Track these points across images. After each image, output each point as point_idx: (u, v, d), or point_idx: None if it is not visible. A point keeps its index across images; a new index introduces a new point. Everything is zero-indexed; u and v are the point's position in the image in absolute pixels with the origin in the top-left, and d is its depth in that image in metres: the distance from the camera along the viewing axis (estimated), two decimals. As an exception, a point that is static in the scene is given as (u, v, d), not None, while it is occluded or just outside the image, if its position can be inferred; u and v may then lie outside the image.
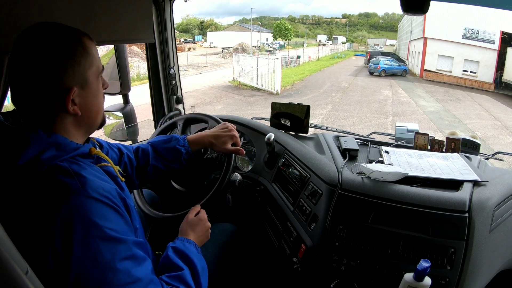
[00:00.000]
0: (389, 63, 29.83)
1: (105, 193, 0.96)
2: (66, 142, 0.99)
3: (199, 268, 1.20)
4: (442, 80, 27.20)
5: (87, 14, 1.60)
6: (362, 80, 26.23)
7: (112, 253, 0.90)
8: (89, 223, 0.88)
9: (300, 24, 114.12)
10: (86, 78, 1.03)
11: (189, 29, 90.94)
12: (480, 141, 1.94)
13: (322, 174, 1.62)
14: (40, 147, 0.94)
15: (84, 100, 1.03)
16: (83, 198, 0.90)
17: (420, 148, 1.90)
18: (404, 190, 1.43)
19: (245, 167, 2.19)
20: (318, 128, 2.38)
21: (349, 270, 1.42)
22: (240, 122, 2.25)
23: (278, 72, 19.21)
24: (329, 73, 30.21)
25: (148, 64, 2.46)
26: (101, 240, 0.89)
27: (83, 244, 0.87)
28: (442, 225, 1.34)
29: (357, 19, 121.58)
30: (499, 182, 1.51)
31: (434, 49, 29.87)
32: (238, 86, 21.53)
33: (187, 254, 1.21)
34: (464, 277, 1.30)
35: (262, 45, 60.11)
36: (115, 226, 0.94)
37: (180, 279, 1.12)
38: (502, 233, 1.41)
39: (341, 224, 1.45)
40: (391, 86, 23.25)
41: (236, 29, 68.64)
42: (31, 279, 0.72)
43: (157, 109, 2.54)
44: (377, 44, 72.38)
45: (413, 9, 1.22)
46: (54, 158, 0.94)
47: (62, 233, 0.86)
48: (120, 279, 0.90)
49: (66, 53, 0.98)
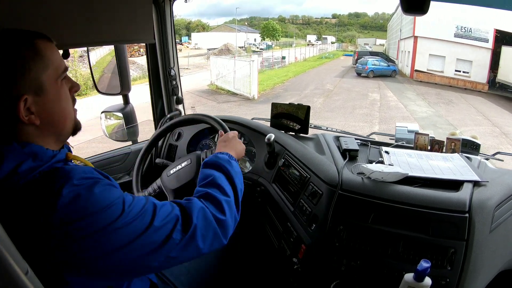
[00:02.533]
0: (378, 64, 28.14)
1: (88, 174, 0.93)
2: (43, 151, 0.94)
3: (232, 172, 1.28)
4: (434, 80, 25.83)
5: (88, 15, 1.60)
6: (348, 82, 24.63)
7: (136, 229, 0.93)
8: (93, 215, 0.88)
9: (290, 24, 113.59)
10: (40, 83, 0.94)
11: (176, 30, 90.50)
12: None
13: (322, 175, 1.62)
14: (16, 160, 0.88)
15: (42, 107, 0.95)
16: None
17: (420, 148, 1.90)
18: (404, 190, 1.43)
19: (245, 168, 2.19)
20: (318, 129, 2.38)
21: (349, 270, 1.42)
22: (240, 122, 2.25)
23: (254, 76, 17.81)
24: (315, 74, 28.59)
25: (148, 64, 2.45)
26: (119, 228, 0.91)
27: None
28: (442, 225, 1.34)
29: (347, 19, 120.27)
30: (499, 182, 1.51)
31: (424, 48, 28.41)
32: (215, 90, 20.26)
33: (218, 163, 1.29)
34: (465, 278, 1.30)
35: (248, 46, 58.50)
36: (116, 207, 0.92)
37: (211, 183, 1.21)
38: (502, 234, 1.41)
39: (341, 224, 1.45)
40: (379, 88, 21.76)
41: (223, 30, 67.16)
42: (31, 279, 0.72)
43: (157, 110, 2.54)
44: (366, 44, 71.57)
45: (414, 9, 1.23)
46: (32, 170, 0.89)
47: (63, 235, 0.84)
48: (157, 238, 0.96)
49: (12, 60, 0.90)
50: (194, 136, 2.32)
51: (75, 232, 0.85)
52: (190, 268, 1.53)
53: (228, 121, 2.19)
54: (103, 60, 2.44)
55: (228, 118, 2.24)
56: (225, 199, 1.16)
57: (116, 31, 1.82)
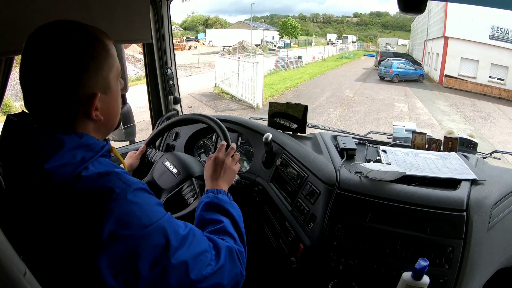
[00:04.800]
0: (404, 67, 24.76)
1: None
2: (95, 142, 0.96)
3: (236, 217, 1.23)
4: (466, 88, 22.46)
5: (84, 14, 1.59)
6: (370, 87, 21.38)
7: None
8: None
9: (310, 22, 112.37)
10: (108, 82, 0.97)
11: (193, 26, 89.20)
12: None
13: (320, 174, 1.62)
14: (74, 149, 0.90)
15: (106, 105, 0.98)
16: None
17: (417, 147, 1.90)
18: (402, 189, 1.43)
19: (242, 167, 2.19)
20: (316, 128, 2.38)
21: (347, 269, 1.42)
22: (238, 122, 2.25)
23: (259, 80, 15.17)
24: (333, 77, 25.36)
25: (145, 64, 2.45)
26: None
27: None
28: (440, 224, 1.34)
29: (369, 18, 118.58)
30: (496, 180, 1.52)
31: (456, 51, 24.68)
32: (218, 94, 17.88)
33: (223, 206, 1.23)
34: (463, 276, 1.30)
35: (265, 43, 56.55)
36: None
37: (223, 231, 1.15)
38: (500, 232, 1.41)
39: (339, 223, 1.45)
40: (406, 97, 18.69)
41: (240, 27, 65.54)
42: (29, 280, 0.71)
43: (155, 110, 2.53)
44: (388, 44, 69.30)
45: (411, 8, 1.23)
46: (84, 160, 0.90)
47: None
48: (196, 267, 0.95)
49: (88, 56, 0.92)
50: (191, 136, 2.32)
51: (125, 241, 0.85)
52: None
53: (226, 120, 2.19)
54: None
55: (225, 118, 2.24)
56: (238, 249, 1.13)
57: (113, 31, 1.81)
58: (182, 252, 0.93)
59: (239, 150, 2.23)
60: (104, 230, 0.82)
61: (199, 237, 1.02)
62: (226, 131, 1.75)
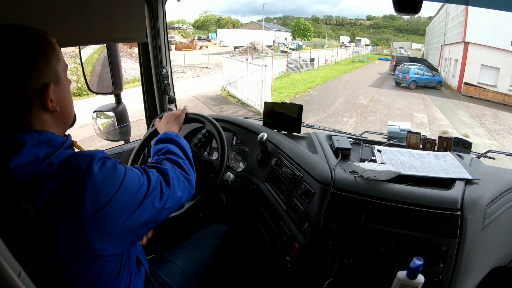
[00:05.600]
0: (421, 73, 23.37)
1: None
2: (55, 137, 0.99)
3: (182, 142, 1.45)
4: (486, 97, 20.83)
5: (80, 14, 1.59)
6: (386, 94, 19.96)
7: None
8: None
9: (323, 24, 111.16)
10: (57, 74, 1.02)
11: (205, 26, 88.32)
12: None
13: (315, 173, 1.62)
14: (35, 147, 0.92)
15: (59, 97, 1.03)
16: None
17: (412, 147, 1.91)
18: (396, 188, 1.44)
19: (238, 167, 2.19)
20: (311, 128, 2.38)
21: (342, 268, 1.42)
22: (233, 121, 2.25)
23: (268, 84, 14.15)
24: (346, 81, 23.85)
25: (140, 63, 2.44)
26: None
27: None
28: (434, 223, 1.34)
29: (382, 21, 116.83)
30: (491, 180, 1.52)
31: (476, 57, 22.99)
32: (225, 97, 16.84)
33: (168, 137, 1.46)
34: (457, 275, 1.31)
35: (277, 45, 54.49)
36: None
37: (167, 152, 1.37)
38: (494, 231, 1.42)
39: (334, 223, 1.45)
40: (425, 105, 17.27)
41: (252, 27, 63.58)
42: (23, 281, 0.71)
43: (150, 109, 2.53)
44: (402, 48, 67.27)
45: (406, 9, 1.24)
46: (47, 156, 0.93)
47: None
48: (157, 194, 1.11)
49: (36, 50, 0.97)
50: (186, 135, 2.31)
51: (106, 203, 0.93)
52: (184, 268, 1.52)
53: (221, 120, 2.19)
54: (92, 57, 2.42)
55: (221, 117, 2.24)
56: (183, 161, 1.33)
57: (109, 30, 1.81)
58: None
59: (234, 149, 2.23)
60: (85, 208, 0.89)
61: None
62: (221, 131, 1.75)
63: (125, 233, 0.99)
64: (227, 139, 1.96)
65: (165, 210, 1.13)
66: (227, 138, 2.02)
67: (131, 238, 1.05)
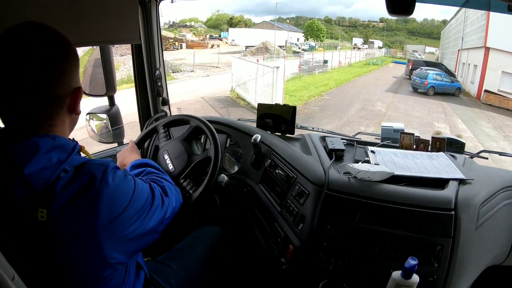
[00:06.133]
0: (440, 78, 22.11)
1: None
2: (67, 143, 0.99)
3: (155, 163, 1.50)
4: (506, 106, 19.13)
5: (73, 15, 1.58)
6: (404, 100, 18.93)
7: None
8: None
9: (336, 25, 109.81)
10: (78, 78, 1.04)
11: (217, 24, 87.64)
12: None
13: (308, 175, 1.62)
14: (49, 152, 0.91)
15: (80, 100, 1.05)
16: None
17: (405, 147, 1.91)
18: (390, 189, 1.44)
19: (231, 169, 2.19)
20: (305, 129, 2.38)
21: (337, 269, 1.42)
22: (226, 123, 2.24)
23: (279, 87, 13.19)
24: (361, 85, 22.81)
25: (134, 65, 2.43)
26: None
27: None
28: (428, 223, 1.35)
29: (395, 24, 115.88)
30: (484, 180, 1.53)
31: (497, 64, 21.22)
32: (234, 100, 15.88)
33: (140, 162, 1.49)
34: (452, 274, 1.31)
35: (289, 45, 53.82)
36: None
37: (148, 172, 1.41)
38: (488, 230, 1.42)
39: (329, 224, 1.45)
40: (446, 114, 16.09)
41: (264, 27, 60.64)
42: (17, 284, 0.71)
43: (143, 111, 2.52)
44: (415, 51, 65.40)
45: (399, 11, 1.24)
46: (60, 162, 0.92)
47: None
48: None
49: (69, 55, 1.00)
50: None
51: (121, 211, 0.97)
52: (179, 270, 1.52)
53: (214, 122, 2.18)
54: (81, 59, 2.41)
55: (214, 119, 2.23)
56: (166, 177, 1.42)
57: (102, 32, 1.80)
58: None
59: (228, 151, 2.23)
60: (101, 215, 0.91)
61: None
62: (214, 132, 1.75)
63: (134, 240, 1.03)
64: (221, 141, 1.95)
65: (165, 220, 1.18)
66: (221, 140, 2.01)
67: (138, 246, 1.08)
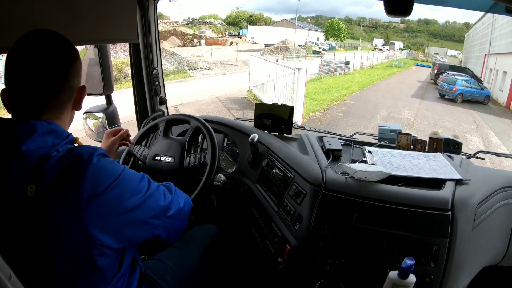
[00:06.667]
0: (469, 85, 20.56)
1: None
2: (62, 130, 1.05)
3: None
4: None
5: (71, 14, 1.57)
6: (432, 107, 17.52)
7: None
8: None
9: (356, 26, 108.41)
10: (81, 78, 1.13)
11: (237, 22, 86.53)
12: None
13: (306, 174, 1.62)
14: (44, 134, 0.99)
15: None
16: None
17: (403, 148, 1.92)
18: (387, 189, 1.44)
19: (229, 168, 2.19)
20: (302, 129, 2.38)
21: (334, 269, 1.42)
22: (224, 123, 2.24)
23: (301, 91, 11.42)
24: (385, 89, 21.61)
25: (131, 64, 2.43)
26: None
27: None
28: (425, 223, 1.35)
29: (416, 25, 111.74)
30: (481, 180, 1.54)
31: None
32: (251, 101, 14.43)
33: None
34: (448, 274, 1.31)
35: (309, 44, 53.26)
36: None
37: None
38: (485, 230, 1.43)
39: (325, 223, 1.45)
40: (477, 125, 14.74)
41: (284, 25, 60.81)
42: (14, 284, 0.71)
43: (141, 110, 2.51)
44: (437, 54, 64.42)
45: (397, 11, 1.24)
46: (54, 145, 0.99)
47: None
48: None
49: (76, 55, 1.10)
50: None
51: (104, 189, 0.98)
52: (175, 268, 1.52)
53: (212, 121, 2.18)
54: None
55: (211, 119, 2.23)
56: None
57: (100, 31, 1.79)
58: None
59: (225, 151, 2.23)
60: (84, 190, 0.94)
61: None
62: (212, 132, 1.75)
63: (121, 225, 1.04)
64: (218, 141, 1.95)
65: (166, 218, 1.20)
66: (218, 140, 2.01)
67: (128, 234, 1.08)
